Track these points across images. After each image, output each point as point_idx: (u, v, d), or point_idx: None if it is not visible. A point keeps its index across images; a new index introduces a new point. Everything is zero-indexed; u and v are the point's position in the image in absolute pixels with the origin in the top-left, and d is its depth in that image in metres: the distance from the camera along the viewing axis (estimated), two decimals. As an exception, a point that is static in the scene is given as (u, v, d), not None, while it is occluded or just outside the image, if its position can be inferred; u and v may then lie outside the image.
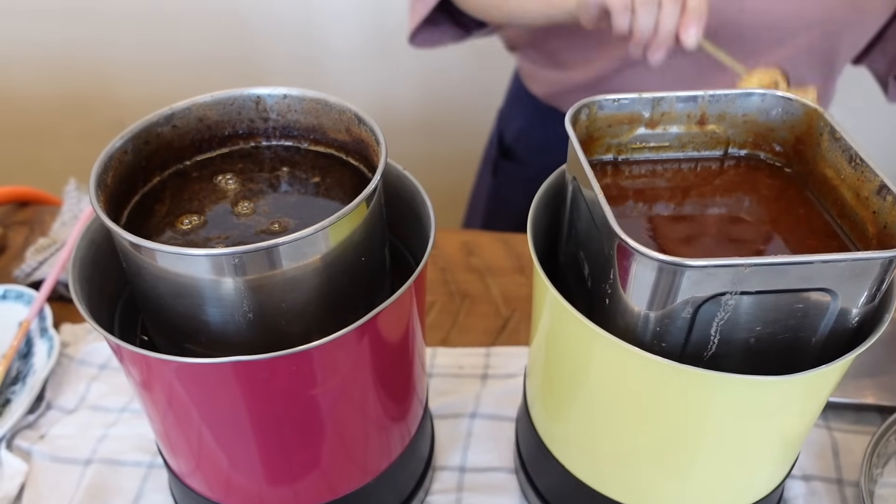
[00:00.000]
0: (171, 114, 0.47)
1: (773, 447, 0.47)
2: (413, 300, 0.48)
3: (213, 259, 0.38)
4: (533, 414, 0.55)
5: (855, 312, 0.40)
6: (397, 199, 0.52)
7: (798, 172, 0.49)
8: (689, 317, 0.39)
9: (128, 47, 1.66)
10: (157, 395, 0.45)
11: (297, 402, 0.45)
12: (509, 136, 1.11)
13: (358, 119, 0.47)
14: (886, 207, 0.41)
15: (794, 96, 0.48)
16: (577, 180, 0.46)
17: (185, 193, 0.47)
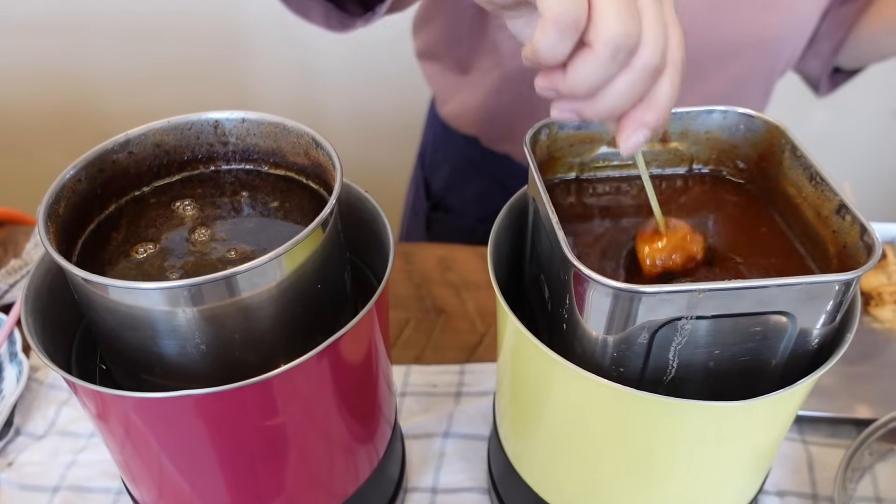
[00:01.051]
0: (127, 140, 0.47)
1: (741, 467, 0.47)
2: (375, 323, 0.48)
3: (161, 292, 0.38)
4: (501, 433, 0.54)
5: (815, 334, 0.40)
6: (359, 221, 0.51)
7: (762, 189, 0.49)
8: (645, 342, 0.39)
9: (113, 61, 1.65)
10: (113, 428, 0.44)
11: (256, 431, 0.44)
12: (437, 185, 1.04)
13: (315, 143, 0.46)
14: (845, 227, 0.41)
15: (755, 113, 0.48)
16: (536, 202, 0.45)
17: (141, 220, 0.47)
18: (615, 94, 0.36)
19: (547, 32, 0.34)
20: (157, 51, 1.63)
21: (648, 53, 0.35)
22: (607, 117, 0.38)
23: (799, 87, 1.23)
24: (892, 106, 1.63)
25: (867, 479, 0.59)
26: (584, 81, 0.36)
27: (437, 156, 1.05)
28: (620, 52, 0.35)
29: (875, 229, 0.83)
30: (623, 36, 0.34)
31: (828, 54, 0.90)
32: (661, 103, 0.38)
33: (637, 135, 0.38)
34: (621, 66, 0.35)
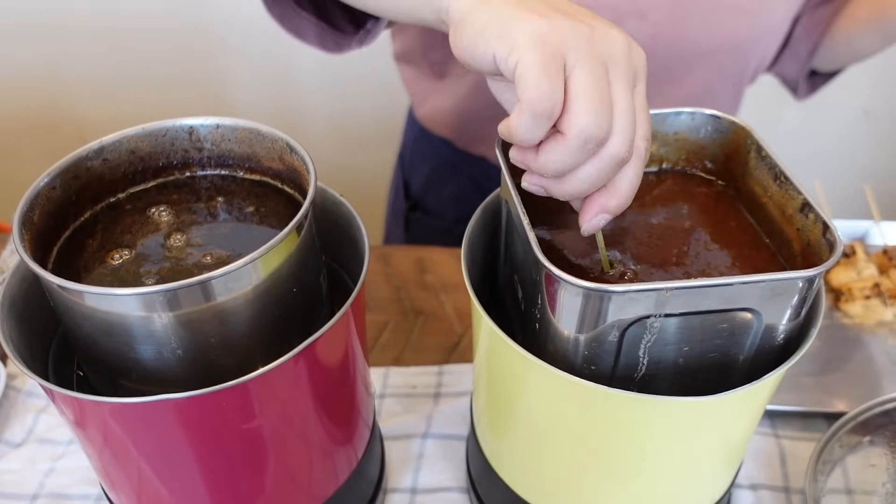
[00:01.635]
0: (101, 147, 0.47)
1: (713, 460, 0.48)
2: (351, 326, 0.48)
3: (136, 297, 0.38)
4: (479, 433, 0.55)
5: (781, 329, 0.41)
6: (334, 225, 0.52)
7: (730, 188, 0.50)
8: (616, 340, 0.39)
9: (89, 67, 1.64)
10: (92, 434, 0.45)
11: (234, 434, 0.44)
12: (416, 186, 1.05)
13: (289, 148, 0.47)
14: (809, 225, 0.42)
15: (722, 114, 0.49)
16: (508, 204, 0.46)
17: (117, 227, 0.47)
18: (581, 179, 0.39)
19: (522, 117, 0.36)
20: (133, 56, 1.63)
21: (616, 144, 0.37)
22: (572, 198, 0.40)
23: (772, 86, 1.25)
24: (863, 105, 1.65)
25: (838, 470, 0.60)
26: (552, 165, 0.38)
27: (416, 157, 1.06)
28: (590, 143, 0.37)
29: (845, 226, 0.85)
30: (594, 128, 0.36)
31: (804, 57, 0.91)
32: (623, 191, 0.40)
33: (598, 218, 0.41)
34: (589, 154, 0.38)
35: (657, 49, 0.81)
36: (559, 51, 0.36)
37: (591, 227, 0.41)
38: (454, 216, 1.02)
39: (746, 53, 0.86)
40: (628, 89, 0.38)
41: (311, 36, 0.76)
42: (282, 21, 0.75)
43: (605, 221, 0.41)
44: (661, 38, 0.80)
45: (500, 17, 0.38)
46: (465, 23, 0.40)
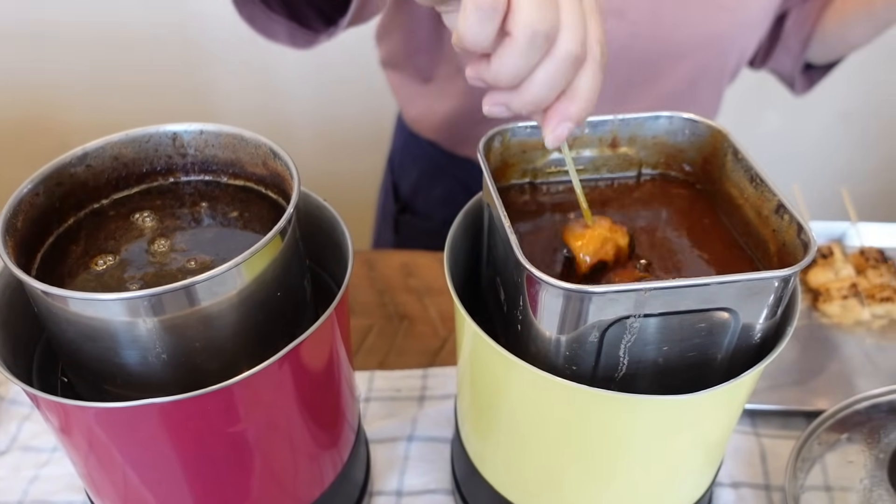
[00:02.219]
0: (85, 154, 0.47)
1: (694, 458, 0.48)
2: (335, 329, 0.48)
3: (121, 303, 0.38)
4: (463, 435, 0.55)
5: (758, 328, 0.42)
6: (318, 230, 0.52)
7: (708, 191, 0.51)
8: (596, 340, 0.40)
9: (73, 72, 1.64)
10: (76, 440, 0.45)
11: (219, 438, 0.45)
12: (405, 188, 1.06)
13: (273, 153, 0.47)
14: (784, 226, 0.43)
15: (699, 118, 0.49)
16: (490, 207, 0.46)
17: (101, 233, 0.47)
18: (537, 83, 0.37)
19: (467, 17, 0.35)
20: (117, 62, 1.62)
21: (567, 40, 0.36)
22: (533, 109, 0.39)
23: (753, 89, 1.27)
24: (841, 108, 1.68)
25: (817, 468, 0.61)
26: (505, 69, 0.37)
27: (405, 160, 1.06)
28: (538, 37, 0.36)
29: (823, 228, 0.86)
30: (540, 21, 0.35)
31: (797, 50, 0.92)
32: (582, 94, 0.38)
33: (561, 127, 0.39)
34: (541, 52, 0.36)
35: (637, 47, 0.82)
36: None
37: (555, 138, 0.40)
38: (443, 218, 1.03)
39: (725, 50, 0.87)
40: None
41: (283, 35, 0.78)
42: (252, 22, 0.76)
43: (569, 130, 0.39)
44: (640, 37, 0.81)
45: None
46: None
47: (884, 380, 0.70)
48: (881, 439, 0.60)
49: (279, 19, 0.75)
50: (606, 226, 0.44)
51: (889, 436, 0.60)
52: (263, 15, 0.74)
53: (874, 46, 1.01)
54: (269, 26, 0.76)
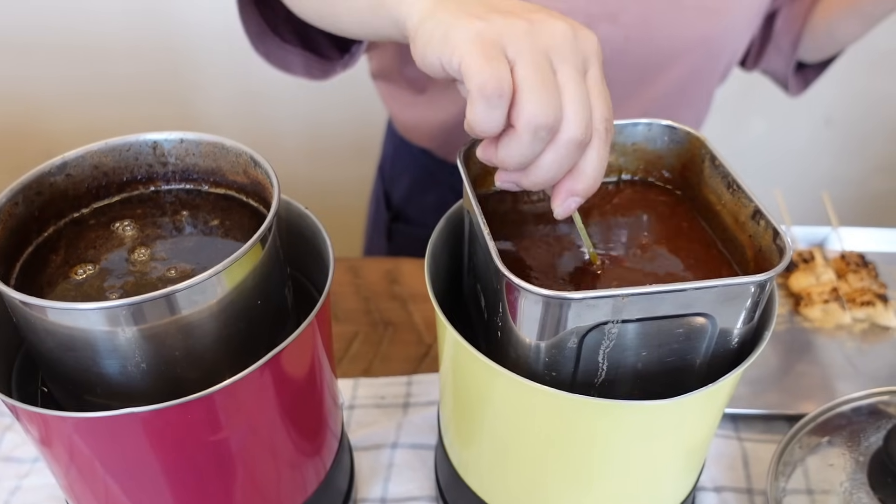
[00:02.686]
0: (64, 163, 0.47)
1: (675, 462, 0.49)
2: (317, 337, 0.48)
3: (99, 312, 0.38)
4: (446, 442, 0.56)
5: (735, 333, 0.42)
6: (299, 238, 0.52)
7: (687, 197, 0.51)
8: (575, 346, 0.40)
9: (56, 79, 1.63)
10: (57, 450, 0.44)
11: (200, 447, 0.45)
12: (397, 197, 1.07)
13: (253, 161, 0.47)
14: (760, 231, 0.43)
15: (678, 125, 0.50)
16: (470, 214, 0.47)
17: (81, 242, 0.47)
18: (543, 168, 0.39)
19: (474, 104, 0.37)
20: (100, 69, 1.62)
21: (571, 129, 0.38)
22: (542, 187, 0.41)
23: (738, 95, 1.28)
24: (825, 114, 1.69)
25: (799, 471, 0.61)
26: (511, 159, 0.39)
27: (396, 168, 1.07)
28: (541, 131, 0.38)
29: (804, 232, 0.87)
30: (541, 116, 0.37)
31: (788, 50, 0.93)
32: (588, 173, 0.40)
33: (568, 202, 0.41)
34: (544, 142, 0.38)
35: (630, 51, 0.82)
36: (497, 44, 0.38)
37: (562, 212, 0.42)
38: (435, 224, 1.02)
39: (716, 51, 0.87)
40: (577, 73, 0.39)
41: (299, 67, 0.80)
42: (268, 57, 0.79)
43: (577, 204, 0.41)
44: (632, 40, 0.82)
45: (443, 26, 0.40)
46: (417, 35, 0.42)
47: (864, 383, 0.70)
48: (861, 442, 0.60)
49: (293, 50, 0.77)
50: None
51: (869, 439, 0.60)
52: (279, 49, 0.77)
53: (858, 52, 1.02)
54: (284, 58, 0.78)
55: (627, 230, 0.49)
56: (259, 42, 0.77)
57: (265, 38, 0.76)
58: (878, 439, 0.59)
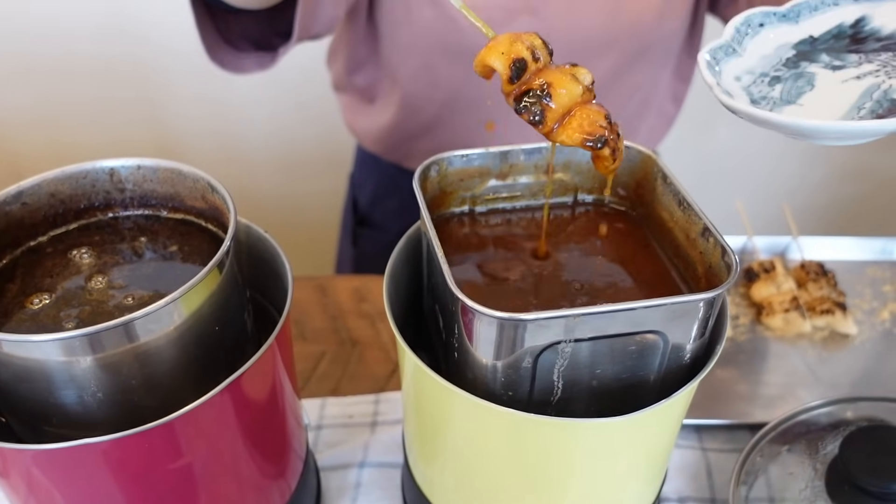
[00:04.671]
0: (20, 192, 0.47)
1: (636, 475, 0.49)
2: (277, 359, 0.49)
3: (53, 343, 0.38)
4: (411, 461, 0.56)
5: (688, 348, 0.43)
6: (260, 261, 0.52)
7: (640, 215, 0.52)
8: (530, 366, 0.41)
9: (22, 96, 1.62)
10: (15, 483, 0.44)
11: (162, 474, 0.44)
12: (363, 201, 1.09)
13: (211, 187, 0.47)
14: (710, 248, 0.44)
15: (630, 144, 0.51)
16: (427, 236, 0.47)
17: (37, 271, 0.47)
18: None
19: None
20: (69, 90, 1.60)
21: None
22: None
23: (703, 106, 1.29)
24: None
25: (761, 480, 0.62)
26: None
27: (362, 174, 1.09)
28: None
29: (766, 242, 0.88)
30: None
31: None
32: None
33: None
34: None
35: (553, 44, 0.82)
36: None
37: None
38: (398, 229, 1.04)
39: (647, 35, 0.87)
40: None
41: (251, 66, 0.83)
42: (223, 65, 0.82)
43: None
44: (556, 32, 0.82)
45: None
46: None
47: (825, 390, 0.72)
48: (819, 450, 0.61)
49: (248, 56, 0.81)
50: (513, 34, 0.43)
51: (826, 447, 0.61)
52: (234, 58, 0.81)
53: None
54: (238, 64, 0.82)
55: (583, 253, 0.49)
56: (214, 53, 0.80)
57: (220, 50, 0.80)
58: (835, 447, 0.60)
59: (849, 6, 0.49)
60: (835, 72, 0.46)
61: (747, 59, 0.48)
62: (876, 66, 0.45)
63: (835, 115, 0.43)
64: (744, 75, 0.47)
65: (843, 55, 0.47)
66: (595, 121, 0.42)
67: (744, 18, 0.48)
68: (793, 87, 0.46)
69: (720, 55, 0.47)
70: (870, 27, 0.48)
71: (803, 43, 0.48)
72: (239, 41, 0.81)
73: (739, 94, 0.45)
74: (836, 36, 0.48)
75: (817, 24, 0.49)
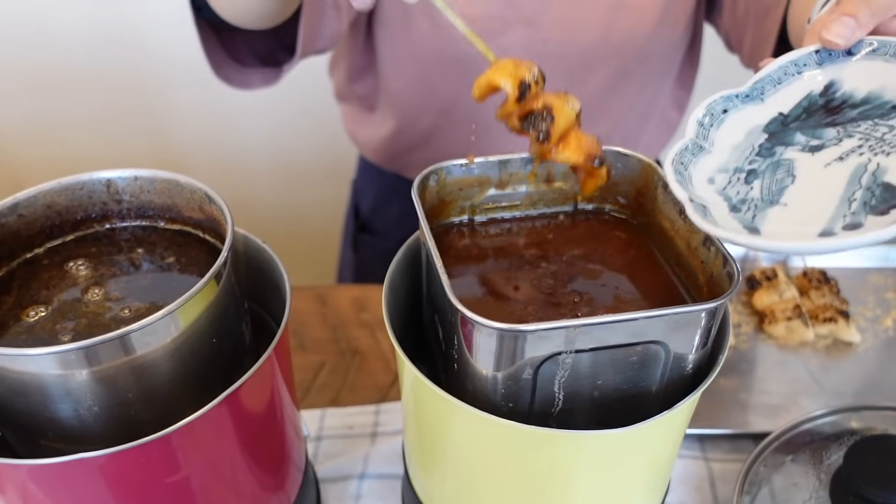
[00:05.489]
0: (16, 203, 0.47)
1: (638, 486, 0.49)
2: (275, 371, 0.48)
3: (48, 357, 0.38)
4: (411, 472, 0.55)
5: (690, 358, 0.43)
6: (258, 272, 0.52)
7: (641, 224, 0.52)
8: (530, 377, 0.40)
9: (21, 106, 1.62)
10: (11, 498, 0.44)
11: (158, 488, 0.44)
12: (365, 209, 1.10)
13: (208, 198, 0.47)
14: (711, 257, 0.44)
15: (630, 152, 0.50)
16: (426, 246, 0.47)
17: (34, 283, 0.47)
18: None
19: None
20: (69, 99, 1.61)
21: None
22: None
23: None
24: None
25: (765, 490, 0.62)
26: None
27: (364, 181, 1.09)
28: None
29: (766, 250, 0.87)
30: None
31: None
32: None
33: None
34: None
35: (549, 54, 0.82)
36: None
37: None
38: (398, 237, 1.03)
39: (644, 45, 0.86)
40: None
41: (257, 82, 0.84)
42: (229, 81, 0.83)
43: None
44: (550, 43, 0.81)
45: None
46: None
47: (828, 399, 0.71)
48: (823, 460, 0.61)
49: (254, 71, 0.82)
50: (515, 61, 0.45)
51: (831, 457, 0.61)
52: (239, 73, 0.82)
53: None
54: (244, 80, 0.83)
55: (584, 262, 0.49)
56: (220, 70, 0.81)
57: (226, 67, 0.80)
58: (839, 457, 0.59)
59: (813, 72, 0.45)
60: (814, 154, 0.42)
61: (718, 155, 0.44)
62: (857, 140, 0.41)
63: (825, 213, 0.39)
64: (717, 175, 0.43)
65: (820, 131, 0.43)
66: (592, 142, 0.45)
67: (705, 109, 0.45)
68: (772, 181, 0.42)
69: (687, 157, 0.43)
70: (841, 93, 0.44)
71: (774, 123, 0.45)
72: (244, 57, 0.82)
73: (716, 203, 0.42)
74: (807, 109, 0.45)
75: (785, 98, 0.45)
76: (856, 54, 0.45)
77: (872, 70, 0.44)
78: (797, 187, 0.41)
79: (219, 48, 0.79)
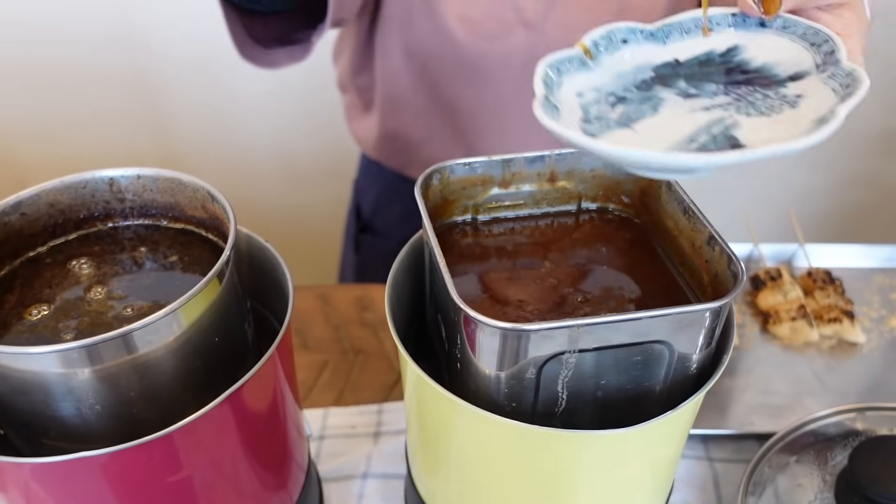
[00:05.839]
0: (19, 202, 0.47)
1: (642, 487, 0.49)
2: (278, 370, 0.48)
3: (51, 355, 0.38)
4: (413, 472, 0.55)
5: (694, 358, 0.42)
6: (261, 271, 0.52)
7: (645, 223, 0.51)
8: (534, 377, 0.40)
9: (25, 105, 1.62)
10: (13, 496, 0.44)
11: (161, 487, 0.44)
12: (366, 209, 1.09)
13: (211, 196, 0.47)
14: (716, 257, 0.44)
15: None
16: (429, 245, 0.47)
17: (36, 281, 0.46)
18: None
19: None
20: (73, 98, 1.61)
21: None
22: None
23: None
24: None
25: (769, 491, 0.62)
26: None
27: (366, 181, 1.09)
28: None
29: (772, 250, 0.88)
30: None
31: None
32: None
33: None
34: None
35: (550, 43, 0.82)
36: None
37: None
38: (400, 237, 1.03)
39: None
40: None
41: (284, 59, 0.82)
42: (254, 61, 0.81)
43: None
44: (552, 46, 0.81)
45: None
46: None
47: (833, 399, 0.71)
48: (828, 461, 0.61)
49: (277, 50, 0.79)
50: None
51: (836, 458, 0.61)
52: (262, 55, 0.79)
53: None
54: (268, 59, 0.81)
55: (587, 262, 0.49)
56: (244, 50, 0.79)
57: (248, 46, 0.79)
58: (844, 458, 0.59)
59: (723, 32, 0.45)
60: (686, 100, 0.42)
61: (599, 76, 0.44)
62: (731, 98, 0.42)
63: (664, 143, 0.39)
64: (588, 92, 0.43)
65: (703, 84, 0.43)
66: None
67: (605, 32, 0.45)
68: (635, 110, 0.42)
69: (566, 66, 0.43)
70: (740, 58, 0.44)
71: (666, 66, 0.45)
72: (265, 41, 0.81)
73: (572, 110, 0.41)
74: (703, 63, 0.45)
75: (686, 48, 0.45)
76: (768, 28, 0.45)
77: (776, 45, 0.44)
78: (653, 120, 0.41)
79: (241, 29, 0.78)
